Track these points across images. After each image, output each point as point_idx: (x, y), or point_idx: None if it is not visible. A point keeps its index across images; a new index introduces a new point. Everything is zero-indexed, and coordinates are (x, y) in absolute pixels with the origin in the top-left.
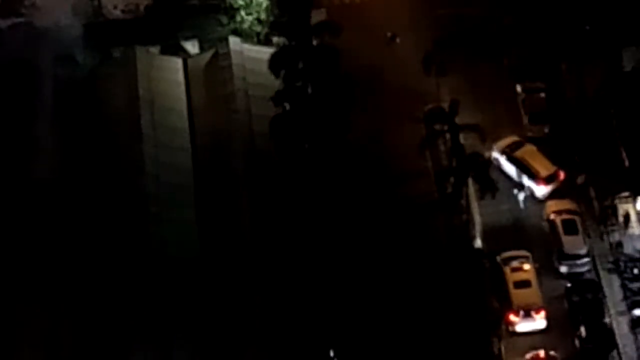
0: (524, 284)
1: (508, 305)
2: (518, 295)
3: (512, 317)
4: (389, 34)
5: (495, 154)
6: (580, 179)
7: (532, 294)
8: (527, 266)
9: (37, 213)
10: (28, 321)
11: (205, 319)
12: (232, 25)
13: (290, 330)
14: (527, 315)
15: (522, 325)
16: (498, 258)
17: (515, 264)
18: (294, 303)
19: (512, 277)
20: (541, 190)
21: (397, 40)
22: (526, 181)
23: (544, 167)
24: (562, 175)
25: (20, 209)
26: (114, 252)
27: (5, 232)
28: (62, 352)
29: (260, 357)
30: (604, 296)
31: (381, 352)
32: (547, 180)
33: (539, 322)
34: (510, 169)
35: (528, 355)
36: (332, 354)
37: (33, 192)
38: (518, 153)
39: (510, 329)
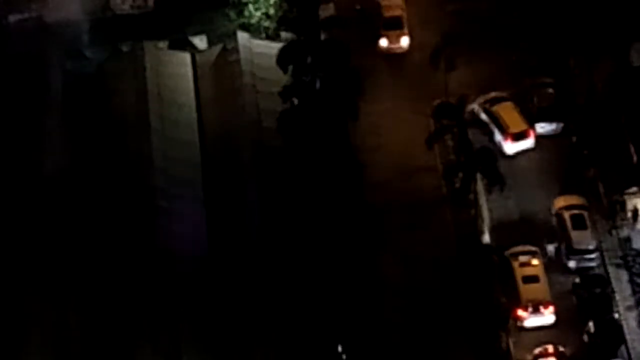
0: (532, 279)
1: (516, 300)
2: (526, 290)
3: (521, 312)
4: (357, 7)
5: (477, 108)
6: (589, 174)
7: (540, 289)
8: (535, 261)
9: (45, 207)
10: (36, 317)
11: (213, 315)
12: (240, 20)
13: (299, 327)
14: (536, 310)
15: (531, 321)
16: (506, 253)
17: (523, 259)
18: (303, 300)
19: (520, 272)
20: (509, 147)
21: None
22: (497, 136)
23: (514, 124)
24: (532, 134)
25: (29, 204)
26: (122, 247)
27: (14, 227)
28: (71, 348)
29: (268, 355)
30: (613, 291)
31: (390, 347)
32: (514, 137)
33: (547, 317)
34: (488, 123)
35: (536, 351)
36: (340, 350)
37: (42, 187)
38: (494, 107)
39: (519, 324)
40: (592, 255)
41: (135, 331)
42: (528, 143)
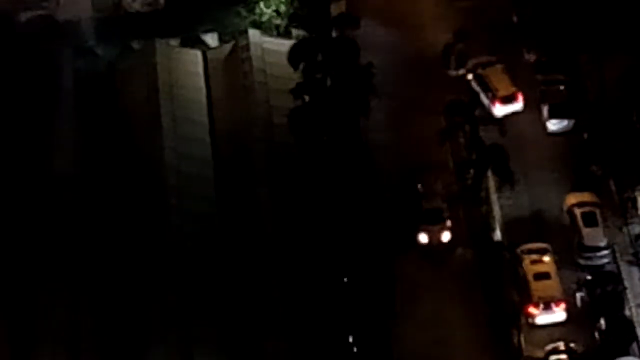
0: (543, 276)
1: (527, 298)
2: (538, 288)
3: (532, 310)
4: None
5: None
6: (600, 171)
7: (551, 286)
8: (546, 258)
9: (56, 206)
10: (48, 316)
11: (225, 312)
12: (251, 18)
13: (311, 323)
14: (547, 307)
15: (542, 318)
16: (518, 250)
17: (534, 256)
18: (314, 294)
19: (531, 269)
20: (498, 110)
21: None
22: (485, 100)
23: (503, 87)
24: (520, 97)
25: (40, 202)
26: (134, 244)
27: (25, 225)
28: (83, 346)
29: (280, 348)
30: (624, 288)
31: (401, 343)
32: (503, 100)
33: (558, 314)
34: (477, 87)
35: (548, 348)
36: (351, 343)
37: (53, 185)
38: (483, 71)
39: (530, 321)
40: (604, 253)
41: (147, 329)
42: (517, 106)
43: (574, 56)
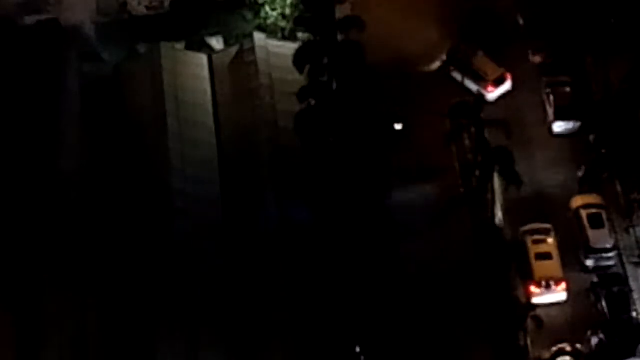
0: (545, 256)
1: (529, 277)
2: (539, 267)
3: (533, 289)
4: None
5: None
6: (606, 173)
7: (553, 266)
8: (550, 239)
9: (63, 209)
10: (54, 317)
11: (230, 314)
12: (256, 21)
13: (317, 327)
14: (548, 287)
15: (543, 298)
16: (521, 230)
17: (538, 236)
18: (320, 298)
19: (533, 249)
20: (492, 94)
21: None
22: (474, 86)
23: (492, 70)
24: (509, 77)
25: (47, 205)
26: (140, 247)
27: (32, 227)
28: (89, 347)
29: (285, 352)
30: (631, 290)
31: (408, 346)
32: (495, 83)
33: (559, 294)
34: (464, 77)
35: (554, 349)
36: (357, 348)
37: (59, 189)
38: (467, 59)
39: (532, 300)
40: (610, 254)
41: (153, 331)
42: (507, 86)
43: (579, 58)
